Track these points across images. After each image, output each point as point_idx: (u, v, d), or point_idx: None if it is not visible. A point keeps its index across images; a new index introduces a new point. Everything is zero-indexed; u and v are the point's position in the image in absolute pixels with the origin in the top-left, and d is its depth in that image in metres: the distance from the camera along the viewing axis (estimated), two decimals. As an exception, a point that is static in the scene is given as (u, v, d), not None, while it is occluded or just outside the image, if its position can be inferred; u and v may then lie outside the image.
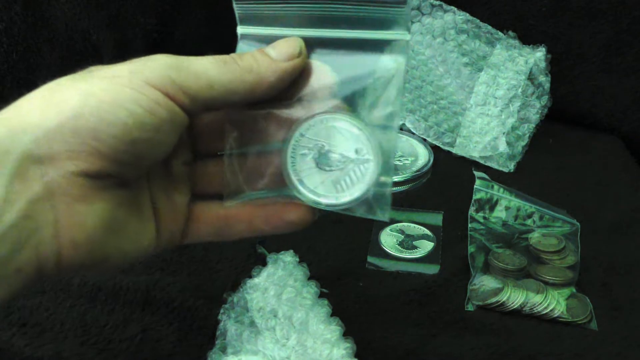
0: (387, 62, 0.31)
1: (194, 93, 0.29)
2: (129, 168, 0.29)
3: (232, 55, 0.31)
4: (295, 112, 0.32)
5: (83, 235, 0.28)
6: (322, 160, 0.32)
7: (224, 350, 0.45)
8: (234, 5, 0.33)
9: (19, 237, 0.26)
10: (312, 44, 0.32)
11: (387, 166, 0.31)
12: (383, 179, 0.31)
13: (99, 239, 0.29)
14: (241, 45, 0.33)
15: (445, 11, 0.76)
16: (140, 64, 0.29)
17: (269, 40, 0.32)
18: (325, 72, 0.32)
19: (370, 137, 0.31)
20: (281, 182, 0.32)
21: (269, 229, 0.34)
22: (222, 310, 0.48)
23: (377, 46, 0.32)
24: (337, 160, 0.32)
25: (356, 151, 0.31)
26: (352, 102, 0.32)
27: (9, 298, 0.27)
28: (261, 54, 0.31)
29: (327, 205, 0.32)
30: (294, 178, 0.32)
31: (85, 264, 0.29)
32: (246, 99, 0.31)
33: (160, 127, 0.28)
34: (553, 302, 0.50)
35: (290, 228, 0.33)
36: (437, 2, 0.76)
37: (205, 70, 0.29)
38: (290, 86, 0.32)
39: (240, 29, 0.33)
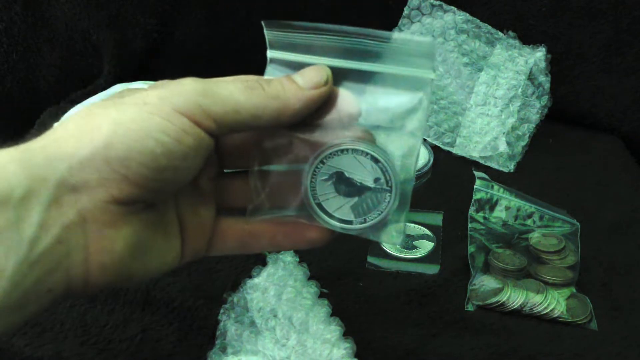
0: (411, 98, 0.32)
1: (221, 118, 0.30)
2: (156, 193, 0.30)
3: (260, 79, 0.31)
4: (319, 137, 0.33)
5: (111, 259, 0.29)
6: (341, 187, 0.33)
7: (224, 350, 0.45)
8: (265, 31, 0.33)
9: (52, 261, 0.27)
10: (338, 74, 0.33)
11: (404, 198, 0.33)
12: (399, 209, 0.33)
13: (126, 261, 0.30)
14: (270, 70, 0.34)
15: (445, 11, 0.76)
16: (169, 90, 0.29)
17: (297, 66, 0.33)
18: (350, 100, 0.33)
19: (389, 168, 0.32)
20: (302, 203, 0.34)
21: (289, 244, 0.35)
22: (222, 310, 0.48)
23: (403, 81, 0.32)
24: (356, 188, 0.33)
25: (375, 180, 0.33)
26: (374, 132, 0.33)
27: (39, 313, 0.28)
28: (288, 81, 0.31)
29: (343, 229, 0.34)
30: (313, 201, 0.33)
31: (111, 283, 0.30)
32: (271, 124, 0.31)
33: (188, 154, 0.29)
34: (553, 302, 0.50)
35: (309, 245, 0.35)
36: (437, 2, 0.76)
37: (232, 96, 0.30)
38: (316, 112, 0.32)
39: (270, 53, 0.33)
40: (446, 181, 0.67)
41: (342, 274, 0.53)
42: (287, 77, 0.32)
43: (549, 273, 0.52)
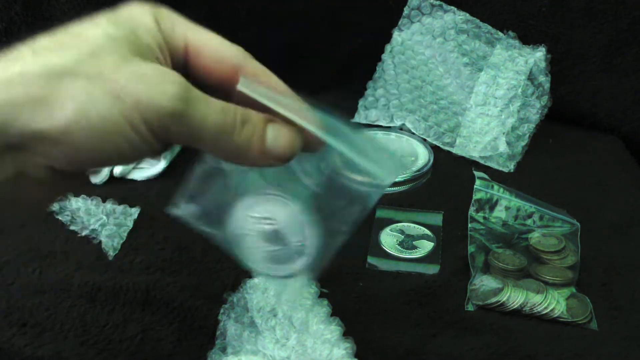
0: (365, 191, 0.33)
1: (179, 141, 0.29)
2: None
3: (238, 120, 0.29)
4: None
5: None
6: (265, 236, 0.33)
7: (224, 350, 0.45)
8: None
9: None
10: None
11: (316, 265, 0.33)
12: (310, 270, 0.34)
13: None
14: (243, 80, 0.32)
15: (445, 11, 0.76)
16: (150, 92, 0.27)
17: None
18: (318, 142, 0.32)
19: (315, 235, 0.33)
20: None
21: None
22: (222, 310, 0.48)
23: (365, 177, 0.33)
24: (279, 241, 0.33)
25: (297, 240, 0.33)
26: (320, 200, 0.33)
27: None
28: (259, 137, 0.30)
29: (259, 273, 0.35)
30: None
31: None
32: (223, 160, 0.32)
33: (136, 156, 0.29)
34: (553, 302, 0.50)
35: None
36: (437, 2, 0.76)
37: (202, 129, 0.28)
38: None
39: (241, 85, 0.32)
40: (446, 181, 0.67)
41: (342, 274, 0.53)
42: (262, 131, 0.30)
43: (549, 273, 0.52)
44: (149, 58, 0.29)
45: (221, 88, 0.31)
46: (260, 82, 0.31)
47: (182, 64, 0.31)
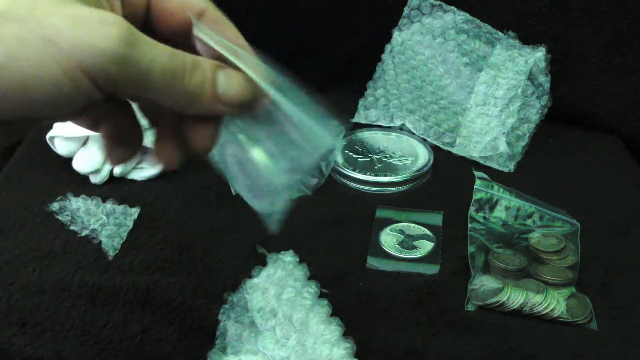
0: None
1: (123, 90, 0.27)
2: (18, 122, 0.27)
3: (188, 64, 0.28)
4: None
5: None
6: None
7: (224, 350, 0.45)
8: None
9: None
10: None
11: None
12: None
13: None
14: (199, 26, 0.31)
15: (445, 11, 0.76)
16: (87, 34, 0.25)
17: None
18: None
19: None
20: None
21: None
22: (222, 310, 0.48)
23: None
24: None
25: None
26: None
27: None
28: (210, 82, 0.29)
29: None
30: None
31: None
32: (170, 109, 0.30)
33: (72, 107, 0.26)
34: (553, 302, 0.50)
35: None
36: (437, 2, 0.76)
37: (148, 73, 0.26)
38: None
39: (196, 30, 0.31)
40: (446, 181, 0.67)
41: (342, 274, 0.53)
42: (212, 75, 0.29)
43: (549, 273, 0.52)
44: (90, 3, 0.27)
45: (181, 40, 0.30)
46: (219, 30, 0.31)
47: (143, 13, 0.30)
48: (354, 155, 0.68)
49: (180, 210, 0.59)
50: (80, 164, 0.61)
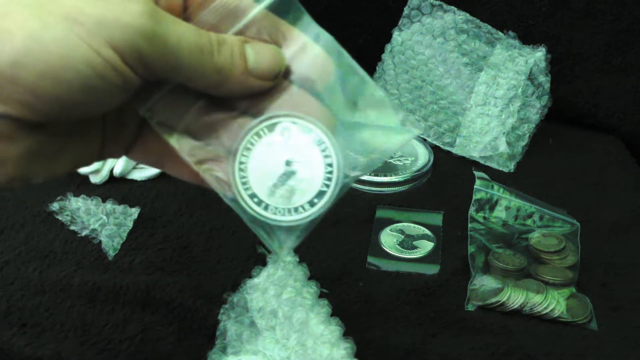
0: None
1: (154, 69, 0.26)
2: (62, 122, 0.27)
3: (214, 42, 0.27)
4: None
5: (5, 170, 0.26)
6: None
7: (224, 350, 0.45)
8: None
9: None
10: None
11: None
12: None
13: (23, 168, 0.26)
14: None
15: (445, 11, 0.76)
16: (112, 12, 0.24)
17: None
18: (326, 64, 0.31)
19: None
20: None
21: (198, 181, 0.32)
22: (222, 310, 0.48)
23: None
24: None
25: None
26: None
27: None
28: (240, 55, 0.28)
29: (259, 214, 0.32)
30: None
31: (9, 184, 0.27)
32: (202, 91, 0.28)
33: (109, 91, 0.26)
34: (553, 302, 0.50)
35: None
36: (437, 2, 0.76)
37: (177, 50, 0.26)
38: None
39: None
40: (446, 181, 0.67)
41: (342, 274, 0.53)
42: (240, 50, 0.28)
43: (549, 273, 0.52)
44: None
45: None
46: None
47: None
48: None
49: (180, 210, 0.59)
50: (80, 164, 0.61)
